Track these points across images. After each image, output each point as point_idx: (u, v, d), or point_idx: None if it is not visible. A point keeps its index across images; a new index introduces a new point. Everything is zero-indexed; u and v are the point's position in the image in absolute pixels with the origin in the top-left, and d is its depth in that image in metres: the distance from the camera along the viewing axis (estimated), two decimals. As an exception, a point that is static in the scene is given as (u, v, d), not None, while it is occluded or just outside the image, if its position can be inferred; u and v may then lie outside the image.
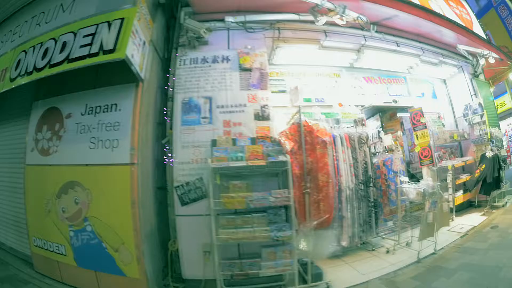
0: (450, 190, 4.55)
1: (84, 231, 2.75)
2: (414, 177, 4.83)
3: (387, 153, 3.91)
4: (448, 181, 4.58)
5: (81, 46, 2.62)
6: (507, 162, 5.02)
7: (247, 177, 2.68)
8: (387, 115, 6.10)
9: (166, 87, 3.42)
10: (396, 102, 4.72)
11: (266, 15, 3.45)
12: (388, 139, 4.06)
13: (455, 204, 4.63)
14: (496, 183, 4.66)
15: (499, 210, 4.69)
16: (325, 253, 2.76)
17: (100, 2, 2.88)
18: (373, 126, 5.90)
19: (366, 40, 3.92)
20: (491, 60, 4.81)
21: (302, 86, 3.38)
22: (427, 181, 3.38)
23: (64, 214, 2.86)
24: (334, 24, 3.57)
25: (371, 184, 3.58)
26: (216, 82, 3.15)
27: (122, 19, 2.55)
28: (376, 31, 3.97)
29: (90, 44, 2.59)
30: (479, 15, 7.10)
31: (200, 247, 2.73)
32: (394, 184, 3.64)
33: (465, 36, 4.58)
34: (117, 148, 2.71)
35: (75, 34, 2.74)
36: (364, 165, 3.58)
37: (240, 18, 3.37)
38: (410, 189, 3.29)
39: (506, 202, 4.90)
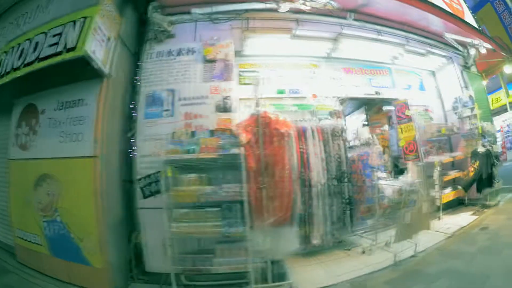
0: (437, 187, 3.93)
1: (55, 222, 2.65)
2: (403, 173, 4.24)
3: (364, 147, 3.36)
4: (434, 178, 3.95)
5: (50, 46, 2.57)
6: (500, 159, 4.28)
7: (205, 170, 2.42)
8: (375, 108, 5.46)
9: (135, 81, 3.16)
10: (378, 94, 4.13)
11: (232, 5, 3.09)
12: (365, 132, 3.49)
13: (443, 202, 4.00)
14: (489, 181, 3.98)
15: (491, 210, 3.98)
16: (285, 252, 2.39)
17: (71, 2, 2.78)
18: (358, 119, 5.30)
19: (342, 29, 3.39)
20: (482, 50, 4.08)
21: (265, 78, 3.02)
22: (407, 177, 2.81)
23: (39, 205, 2.79)
24: (307, 12, 3.11)
25: (346, 180, 3.08)
26: (180, 75, 2.95)
27: (85, 17, 2.48)
28: (355, 19, 3.43)
29: (57, 44, 2.51)
30: (474, 10, 6.31)
31: (161, 240, 2.45)
32: (371, 180, 3.10)
33: (454, 24, 3.88)
34: (82, 142, 2.62)
35: (46, 34, 2.68)
36: (338, 159, 3.08)
37: (207, 9, 3.11)
38: (387, 186, 2.76)
39: (499, 201, 4.18)
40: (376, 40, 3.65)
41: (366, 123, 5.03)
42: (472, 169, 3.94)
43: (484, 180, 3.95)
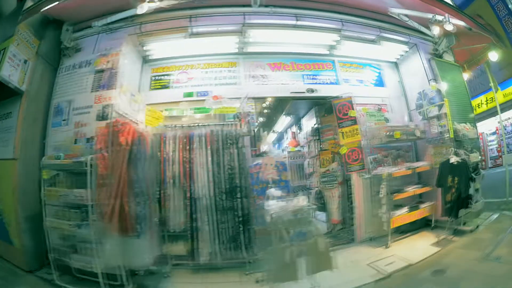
0: (384, 208, 2.82)
1: (-2, 209, 2.99)
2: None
3: (258, 157, 2.53)
4: (381, 195, 2.85)
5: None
6: (480, 171, 2.87)
7: (74, 175, 2.42)
8: (327, 109, 4.37)
9: (53, 94, 3.18)
10: (312, 91, 3.20)
11: (122, 13, 2.77)
12: (267, 138, 2.65)
13: (393, 227, 2.82)
14: (464, 200, 2.69)
15: (463, 238, 2.66)
16: (139, 263, 2.17)
17: (1, 36, 2.97)
18: (310, 123, 4.34)
19: (245, 19, 2.66)
20: (449, 27, 2.73)
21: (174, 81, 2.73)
22: (298, 200, 1.95)
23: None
24: (203, 6, 2.52)
25: (238, 195, 2.37)
26: (77, 86, 2.91)
27: (4, 48, 2.71)
28: (263, 5, 2.64)
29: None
30: (467, 3, 4.74)
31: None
32: (263, 198, 2.30)
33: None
34: (8, 147, 2.89)
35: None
36: (229, 170, 2.39)
37: (103, 20, 2.89)
38: (267, 210, 1.95)
39: (477, 226, 2.79)
40: (295, 27, 2.78)
41: (317, 126, 4.06)
42: (454, 190, 2.69)
43: (457, 200, 2.69)
